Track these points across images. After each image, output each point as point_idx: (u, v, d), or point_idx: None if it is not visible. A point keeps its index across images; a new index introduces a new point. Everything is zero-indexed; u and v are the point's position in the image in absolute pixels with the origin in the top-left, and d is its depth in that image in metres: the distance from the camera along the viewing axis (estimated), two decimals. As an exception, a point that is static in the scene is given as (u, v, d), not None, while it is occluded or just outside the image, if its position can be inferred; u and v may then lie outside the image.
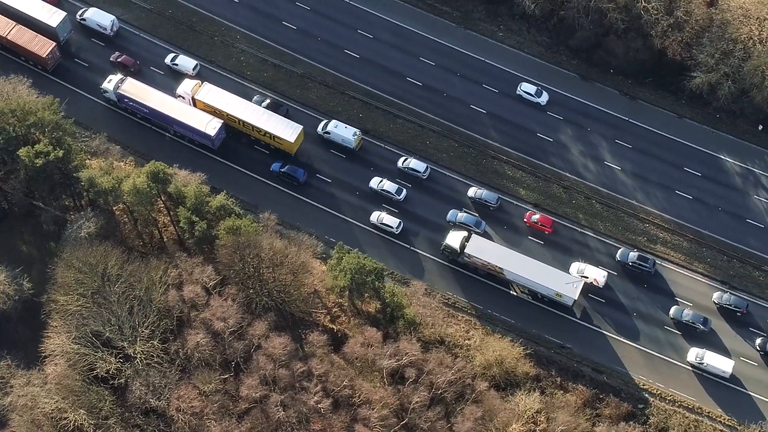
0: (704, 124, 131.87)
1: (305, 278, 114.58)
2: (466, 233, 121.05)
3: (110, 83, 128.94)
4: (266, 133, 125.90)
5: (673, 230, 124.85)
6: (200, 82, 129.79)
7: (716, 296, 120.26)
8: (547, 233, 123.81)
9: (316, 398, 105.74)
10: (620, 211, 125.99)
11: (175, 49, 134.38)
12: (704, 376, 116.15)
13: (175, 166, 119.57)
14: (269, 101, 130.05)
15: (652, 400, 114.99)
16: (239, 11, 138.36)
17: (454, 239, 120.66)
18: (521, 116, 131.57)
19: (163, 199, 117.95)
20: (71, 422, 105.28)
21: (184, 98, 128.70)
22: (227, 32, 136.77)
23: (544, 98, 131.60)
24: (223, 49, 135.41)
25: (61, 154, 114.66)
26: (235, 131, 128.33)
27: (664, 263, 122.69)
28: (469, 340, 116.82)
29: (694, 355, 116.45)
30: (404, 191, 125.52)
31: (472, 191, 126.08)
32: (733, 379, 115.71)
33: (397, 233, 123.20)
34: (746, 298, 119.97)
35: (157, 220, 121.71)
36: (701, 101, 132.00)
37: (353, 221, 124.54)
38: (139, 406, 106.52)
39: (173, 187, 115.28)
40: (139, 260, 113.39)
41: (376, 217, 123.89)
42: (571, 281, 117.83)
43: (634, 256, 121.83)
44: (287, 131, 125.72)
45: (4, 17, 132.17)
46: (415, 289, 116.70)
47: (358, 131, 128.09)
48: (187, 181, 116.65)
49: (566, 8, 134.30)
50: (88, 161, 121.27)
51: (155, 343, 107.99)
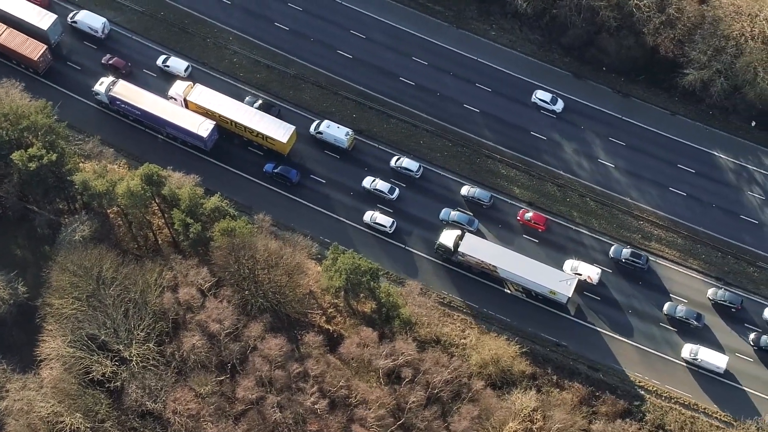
0: (697, 120, 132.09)
1: (300, 279, 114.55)
2: (459, 232, 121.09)
3: (102, 86, 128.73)
4: (258, 133, 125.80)
5: (667, 227, 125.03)
6: (192, 83, 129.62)
7: (711, 292, 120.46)
8: (540, 231, 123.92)
9: (312, 399, 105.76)
10: (614, 208, 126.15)
11: (167, 51, 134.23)
12: (699, 372, 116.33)
13: (169, 168, 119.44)
14: (261, 102, 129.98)
15: (648, 397, 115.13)
16: (232, 13, 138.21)
17: (447, 238, 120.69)
18: (515, 115, 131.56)
19: (157, 201, 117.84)
20: (67, 426, 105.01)
21: (176, 100, 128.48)
22: (220, 34, 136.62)
23: (559, 106, 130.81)
24: (215, 50, 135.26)
25: (54, 157, 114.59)
26: (227, 132, 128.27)
27: (658, 260, 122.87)
28: (464, 339, 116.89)
29: (688, 351, 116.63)
30: (397, 190, 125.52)
31: (465, 190, 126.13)
32: (727, 374, 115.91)
33: (390, 232, 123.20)
34: (741, 294, 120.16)
35: (151, 222, 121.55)
36: (694, 98, 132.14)
37: (347, 221, 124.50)
38: (135, 408, 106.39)
39: (167, 189, 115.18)
40: (133, 263, 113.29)
41: (369, 216, 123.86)
42: (564, 279, 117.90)
43: (627, 252, 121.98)
44: (279, 132, 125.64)
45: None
46: (410, 288, 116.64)
47: (350, 131, 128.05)
48: (181, 183, 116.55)
49: (558, 6, 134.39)
50: (81, 164, 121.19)
51: (151, 345, 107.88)
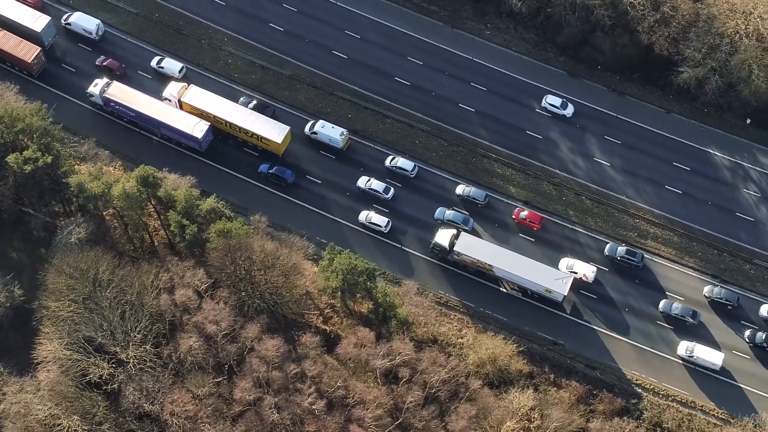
0: (692, 118, 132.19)
1: (297, 280, 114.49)
2: (455, 231, 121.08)
3: (96, 87, 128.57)
4: (253, 134, 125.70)
5: (663, 225, 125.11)
6: (186, 84, 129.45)
7: (707, 290, 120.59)
8: (535, 229, 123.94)
9: (310, 399, 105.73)
10: (610, 206, 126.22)
11: (162, 52, 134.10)
12: (696, 370, 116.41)
13: (164, 169, 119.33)
14: (256, 103, 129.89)
15: (645, 394, 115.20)
16: (226, 14, 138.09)
17: (443, 237, 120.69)
18: (510, 114, 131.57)
19: (153, 203, 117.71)
20: (65, 428, 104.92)
21: (170, 101, 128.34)
22: (214, 35, 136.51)
23: (569, 110, 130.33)
24: (210, 52, 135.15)
25: (49, 160, 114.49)
26: (222, 133, 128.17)
27: (654, 258, 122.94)
28: (461, 338, 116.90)
29: (684, 348, 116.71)
30: (392, 190, 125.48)
31: (460, 189, 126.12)
32: (724, 371, 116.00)
33: (385, 232, 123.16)
34: (737, 291, 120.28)
35: (147, 224, 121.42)
36: (689, 96, 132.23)
37: (343, 221, 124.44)
38: (132, 410, 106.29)
39: (163, 191, 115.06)
40: (130, 265, 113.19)
41: (364, 216, 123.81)
42: (560, 277, 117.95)
43: (622, 250, 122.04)
44: (274, 132, 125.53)
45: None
46: (407, 288, 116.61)
47: (345, 131, 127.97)
48: (176, 184, 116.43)
49: (553, 5, 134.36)
50: (77, 167, 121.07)
51: (148, 347, 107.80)
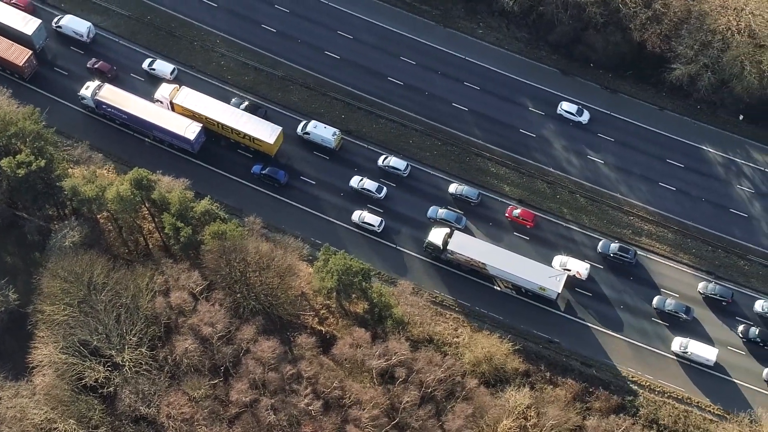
0: (685, 115, 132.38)
1: (292, 281, 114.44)
2: (448, 230, 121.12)
3: (88, 90, 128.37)
4: (245, 135, 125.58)
5: (657, 222, 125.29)
6: (178, 86, 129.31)
7: (701, 286, 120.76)
8: (529, 227, 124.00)
9: (306, 401, 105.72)
10: (604, 204, 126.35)
11: (154, 55, 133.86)
12: (691, 366, 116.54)
13: (158, 172, 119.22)
14: (247, 103, 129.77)
15: (641, 391, 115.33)
16: (218, 15, 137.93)
17: (436, 236, 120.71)
18: (504, 113, 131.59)
19: (147, 205, 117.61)
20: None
21: (162, 103, 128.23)
22: (207, 37, 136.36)
23: (585, 117, 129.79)
24: (203, 53, 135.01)
25: (43, 163, 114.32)
26: (215, 134, 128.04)
27: (649, 255, 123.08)
28: (457, 337, 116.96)
29: (678, 344, 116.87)
30: (385, 189, 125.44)
31: (453, 187, 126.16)
32: (718, 367, 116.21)
33: (379, 231, 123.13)
34: (731, 287, 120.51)
35: (141, 227, 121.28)
36: (681, 93, 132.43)
37: (337, 222, 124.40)
38: (129, 414, 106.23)
39: (157, 193, 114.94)
40: (124, 268, 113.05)
41: (357, 216, 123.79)
42: (554, 275, 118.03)
43: (615, 247, 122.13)
44: (266, 133, 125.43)
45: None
46: (402, 288, 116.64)
47: (337, 131, 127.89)
48: (170, 187, 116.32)
49: (545, 4, 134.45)
50: (70, 170, 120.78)
51: (143, 350, 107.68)
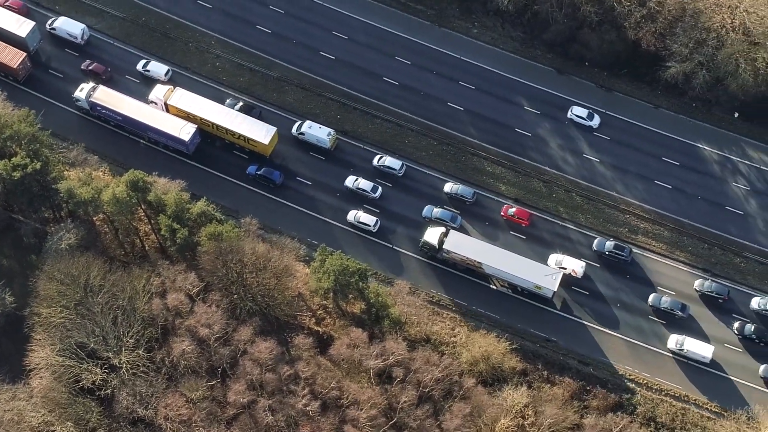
0: (680, 113, 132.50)
1: (289, 282, 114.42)
2: (444, 229, 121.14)
3: (82, 92, 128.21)
4: (240, 136, 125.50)
5: (653, 220, 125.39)
6: (172, 87, 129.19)
7: (698, 284, 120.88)
8: (524, 226, 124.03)
9: (304, 401, 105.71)
10: (600, 203, 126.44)
11: (149, 56, 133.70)
12: (688, 364, 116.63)
13: (153, 174, 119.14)
14: (242, 104, 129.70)
15: (638, 389, 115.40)
16: (213, 17, 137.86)
17: (432, 235, 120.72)
18: (499, 112, 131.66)
19: (143, 207, 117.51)
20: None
21: (156, 104, 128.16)
22: (201, 38, 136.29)
23: (595, 121, 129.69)
24: (197, 55, 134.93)
25: (38, 166, 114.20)
26: (209, 135, 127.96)
27: (645, 253, 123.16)
28: (454, 337, 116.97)
29: (674, 341, 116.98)
30: (380, 189, 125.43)
31: (448, 187, 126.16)
32: (714, 364, 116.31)
33: (374, 231, 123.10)
34: (728, 284, 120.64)
35: (138, 228, 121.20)
36: (677, 91, 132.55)
37: (334, 222, 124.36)
38: (126, 416, 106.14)
39: (153, 195, 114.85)
40: (121, 270, 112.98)
41: (353, 215, 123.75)
42: (549, 273, 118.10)
43: (610, 245, 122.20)
44: (261, 133, 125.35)
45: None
46: (399, 288, 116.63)
47: (332, 131, 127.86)
48: (166, 188, 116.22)
49: (539, 3, 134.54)
50: (66, 172, 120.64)
51: (140, 352, 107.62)
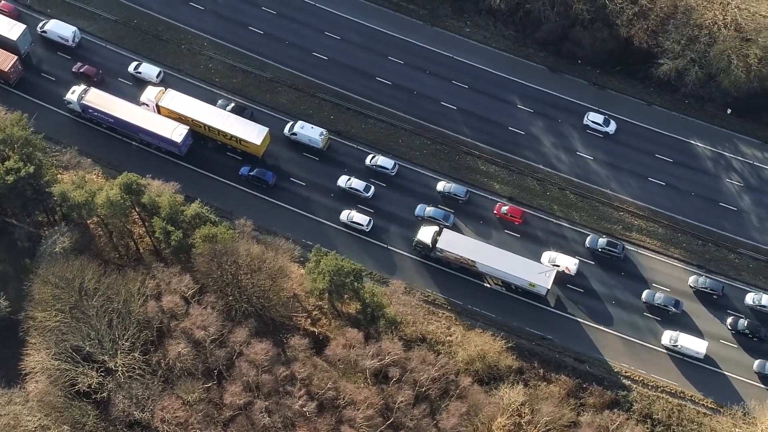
0: (673, 110, 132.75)
1: (284, 283, 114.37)
2: (437, 228, 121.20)
3: (74, 94, 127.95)
4: (232, 136, 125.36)
5: (647, 217, 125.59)
6: (164, 88, 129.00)
7: (692, 280, 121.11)
8: (517, 224, 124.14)
9: (300, 402, 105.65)
10: (594, 200, 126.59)
11: (142, 59, 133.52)
12: (684, 360, 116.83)
13: (147, 176, 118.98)
14: (233, 105, 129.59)
15: (634, 386, 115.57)
16: (205, 18, 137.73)
17: (425, 234, 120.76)
18: (492, 111, 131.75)
19: (137, 210, 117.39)
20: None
21: (148, 106, 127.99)
22: (194, 40, 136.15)
23: (612, 127, 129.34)
24: (190, 56, 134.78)
25: (32, 169, 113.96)
26: (202, 137, 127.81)
27: (639, 250, 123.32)
28: (450, 336, 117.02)
29: (668, 337, 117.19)
30: (372, 188, 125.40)
31: (441, 185, 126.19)
32: (708, 360, 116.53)
33: (367, 231, 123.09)
34: (722, 280, 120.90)
35: (132, 231, 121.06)
36: (669, 88, 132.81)
37: (328, 222, 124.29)
38: (123, 419, 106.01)
39: (147, 197, 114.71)
40: (116, 273, 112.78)
41: (346, 215, 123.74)
42: (543, 270, 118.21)
43: (603, 242, 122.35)
44: (253, 134, 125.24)
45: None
46: (394, 288, 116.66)
47: (324, 131, 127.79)
48: (160, 191, 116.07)
49: (532, 1, 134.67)
50: (59, 176, 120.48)
51: (136, 355, 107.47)
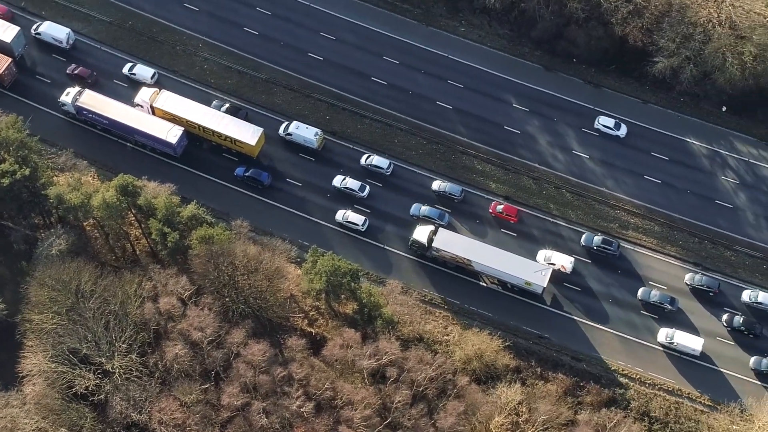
0: (669, 108, 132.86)
1: (281, 283, 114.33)
2: (433, 227, 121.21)
3: (68, 96, 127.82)
4: (227, 137, 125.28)
5: (643, 215, 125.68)
6: (158, 89, 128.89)
7: (688, 278, 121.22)
8: (512, 222, 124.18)
9: (298, 403, 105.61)
10: (591, 199, 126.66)
11: (137, 60, 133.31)
12: (681, 358, 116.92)
13: (143, 178, 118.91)
14: (228, 105, 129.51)
15: (632, 384, 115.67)
16: (200, 19, 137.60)
17: (421, 234, 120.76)
18: (488, 110, 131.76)
19: (133, 212, 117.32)
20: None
21: (142, 107, 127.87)
22: (189, 41, 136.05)
23: (623, 131, 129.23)
24: (185, 58, 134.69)
25: (27, 172, 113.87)
26: (196, 138, 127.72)
27: (636, 248, 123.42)
28: (447, 335, 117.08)
29: (664, 335, 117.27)
30: (367, 188, 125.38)
31: (436, 184, 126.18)
32: (704, 357, 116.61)
33: (363, 230, 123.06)
34: (718, 278, 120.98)
35: (128, 233, 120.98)
36: (664, 86, 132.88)
37: (324, 223, 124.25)
38: (120, 421, 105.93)
39: (143, 199, 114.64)
40: (112, 275, 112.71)
41: (341, 215, 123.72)
42: (539, 269, 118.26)
43: (598, 240, 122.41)
44: (247, 134, 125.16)
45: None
46: (391, 288, 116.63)
47: (319, 131, 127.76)
48: (156, 192, 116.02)
49: (526, 0, 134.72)
50: (55, 178, 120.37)
51: (133, 357, 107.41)
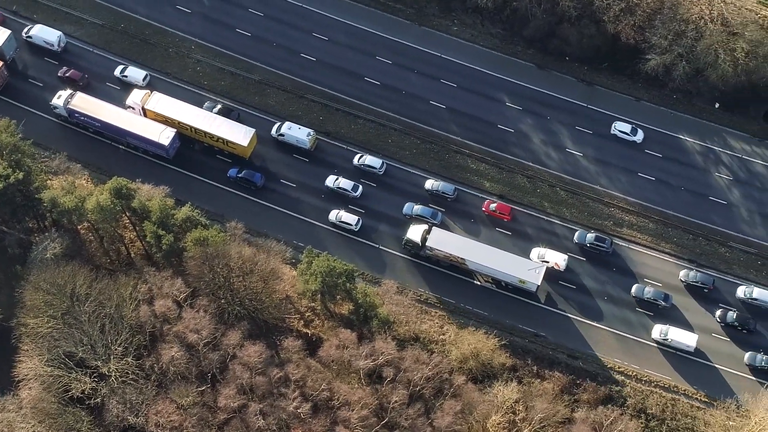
0: (662, 105, 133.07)
1: (276, 284, 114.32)
2: (426, 226, 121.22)
3: (60, 99, 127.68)
4: (219, 138, 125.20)
5: (638, 212, 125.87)
6: (149, 91, 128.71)
7: (683, 274, 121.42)
8: (506, 221, 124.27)
9: (295, 404, 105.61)
10: (585, 196, 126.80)
11: (129, 63, 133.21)
12: (677, 355, 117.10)
13: (137, 180, 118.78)
14: (220, 106, 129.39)
15: (628, 381, 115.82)
16: (192, 21, 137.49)
17: (414, 233, 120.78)
18: (481, 109, 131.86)
19: (127, 214, 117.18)
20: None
21: (134, 109, 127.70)
22: (181, 43, 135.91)
23: (639, 136, 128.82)
24: (178, 60, 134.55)
25: (21, 176, 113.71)
26: (189, 139, 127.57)
27: (631, 245, 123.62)
28: (443, 335, 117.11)
29: (658, 331, 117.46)
30: (360, 188, 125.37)
31: (429, 183, 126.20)
32: (701, 354, 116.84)
33: (356, 230, 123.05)
34: (713, 274, 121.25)
35: (123, 236, 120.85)
36: (657, 83, 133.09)
37: (318, 223, 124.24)
38: (117, 424, 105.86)
39: (137, 202, 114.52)
40: (107, 278, 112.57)
41: (334, 215, 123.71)
42: (533, 267, 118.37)
43: (591, 237, 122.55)
44: (240, 135, 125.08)
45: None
46: (386, 288, 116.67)
47: (311, 131, 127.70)
48: (150, 195, 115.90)
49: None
50: (49, 181, 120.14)
51: (129, 360, 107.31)
